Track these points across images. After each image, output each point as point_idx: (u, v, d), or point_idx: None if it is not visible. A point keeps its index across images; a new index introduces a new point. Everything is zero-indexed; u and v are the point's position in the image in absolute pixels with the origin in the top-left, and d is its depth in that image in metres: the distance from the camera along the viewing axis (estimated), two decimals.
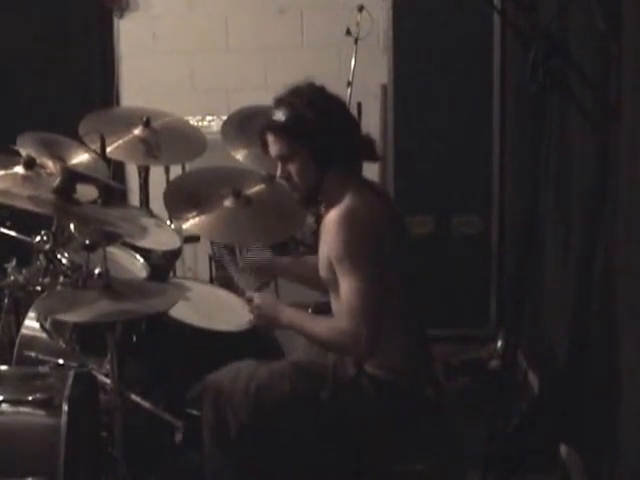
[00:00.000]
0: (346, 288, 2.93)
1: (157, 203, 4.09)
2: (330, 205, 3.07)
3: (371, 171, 5.10)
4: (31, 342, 3.51)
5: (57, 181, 3.20)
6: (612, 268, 3.01)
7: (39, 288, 3.55)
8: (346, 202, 3.00)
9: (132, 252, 3.79)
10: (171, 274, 4.23)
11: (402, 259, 3.07)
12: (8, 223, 3.76)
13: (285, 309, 3.11)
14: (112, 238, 3.45)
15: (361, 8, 4.91)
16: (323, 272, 3.07)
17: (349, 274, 2.92)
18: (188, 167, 4.65)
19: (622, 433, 2.92)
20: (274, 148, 3.08)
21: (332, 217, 2.99)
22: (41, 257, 3.63)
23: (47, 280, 3.55)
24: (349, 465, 3.08)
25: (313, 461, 3.10)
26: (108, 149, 4.02)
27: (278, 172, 3.12)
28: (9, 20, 5.27)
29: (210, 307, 3.71)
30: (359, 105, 4.78)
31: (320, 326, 3.03)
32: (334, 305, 3.10)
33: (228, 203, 3.78)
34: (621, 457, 2.94)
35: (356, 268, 2.91)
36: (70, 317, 3.11)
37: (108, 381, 3.24)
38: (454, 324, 4.96)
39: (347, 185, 3.05)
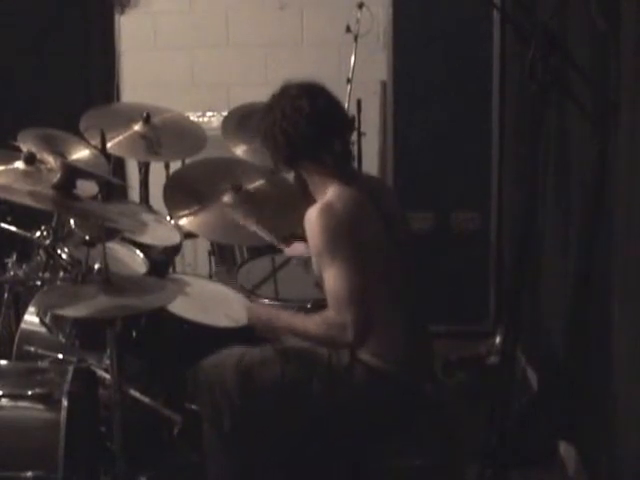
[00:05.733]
0: (327, 279, 3.00)
1: (157, 199, 4.11)
2: (316, 199, 3.15)
3: (371, 168, 5.14)
4: (31, 337, 3.52)
5: (57, 177, 3.21)
6: (610, 265, 3.02)
7: (39, 283, 3.55)
8: (324, 198, 3.09)
9: (132, 248, 3.80)
10: (171, 269, 4.24)
11: (389, 251, 3.10)
12: (9, 218, 3.77)
13: (279, 315, 3.23)
14: (112, 234, 3.46)
15: (361, 5, 4.91)
16: (314, 267, 3.12)
17: (329, 265, 2.99)
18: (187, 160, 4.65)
19: (620, 430, 2.93)
20: None
21: (309, 214, 3.06)
22: (41, 252, 3.64)
23: (47, 275, 3.55)
24: (344, 454, 3.10)
25: (306, 448, 3.13)
26: (108, 145, 4.02)
27: None
28: (10, 16, 5.27)
29: (209, 302, 3.72)
30: (359, 102, 4.78)
31: (310, 322, 3.09)
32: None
33: (227, 199, 3.78)
34: (619, 453, 2.94)
35: (335, 259, 2.97)
36: (70, 312, 3.11)
37: (107, 376, 3.25)
38: (453, 320, 4.97)
39: (327, 182, 3.13)
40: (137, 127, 4.29)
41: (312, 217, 3.04)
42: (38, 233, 3.64)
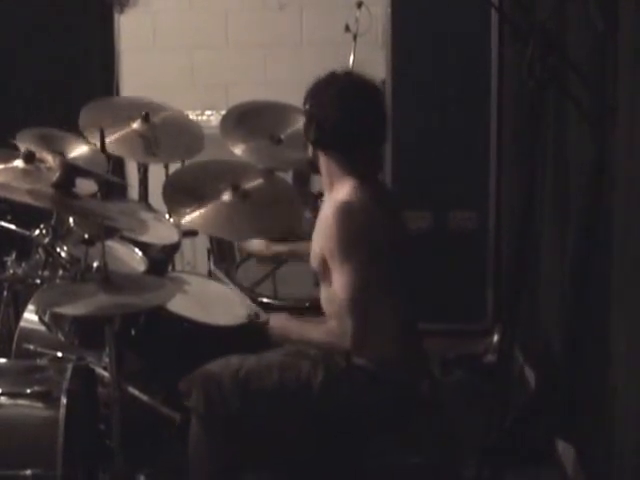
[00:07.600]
0: (336, 283, 3.01)
1: (156, 197, 4.11)
2: (329, 191, 3.14)
3: None
4: (30, 335, 3.53)
5: (56, 175, 3.21)
6: (608, 264, 3.02)
7: (38, 281, 3.56)
8: (342, 195, 3.06)
9: (131, 246, 3.81)
10: (170, 268, 4.24)
11: (395, 253, 3.10)
12: (8, 217, 3.77)
13: (292, 328, 3.21)
14: (111, 232, 3.46)
15: (360, 4, 4.91)
16: (314, 263, 3.12)
17: (339, 268, 2.99)
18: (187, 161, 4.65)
19: (618, 428, 2.93)
20: None
21: (327, 211, 3.05)
22: (40, 250, 3.64)
23: (46, 273, 3.56)
24: (342, 458, 3.10)
25: (304, 453, 3.13)
26: (107, 140, 4.01)
27: None
28: (10, 16, 5.27)
29: (208, 301, 3.72)
30: None
31: (314, 331, 3.12)
32: (322, 294, 3.18)
33: (226, 197, 3.79)
34: (617, 452, 2.95)
35: (345, 263, 2.97)
36: (69, 310, 3.12)
37: (106, 374, 3.25)
38: (450, 318, 4.98)
39: (345, 177, 3.10)
40: (136, 125, 4.28)
41: (329, 215, 3.03)
42: (37, 231, 3.64)
